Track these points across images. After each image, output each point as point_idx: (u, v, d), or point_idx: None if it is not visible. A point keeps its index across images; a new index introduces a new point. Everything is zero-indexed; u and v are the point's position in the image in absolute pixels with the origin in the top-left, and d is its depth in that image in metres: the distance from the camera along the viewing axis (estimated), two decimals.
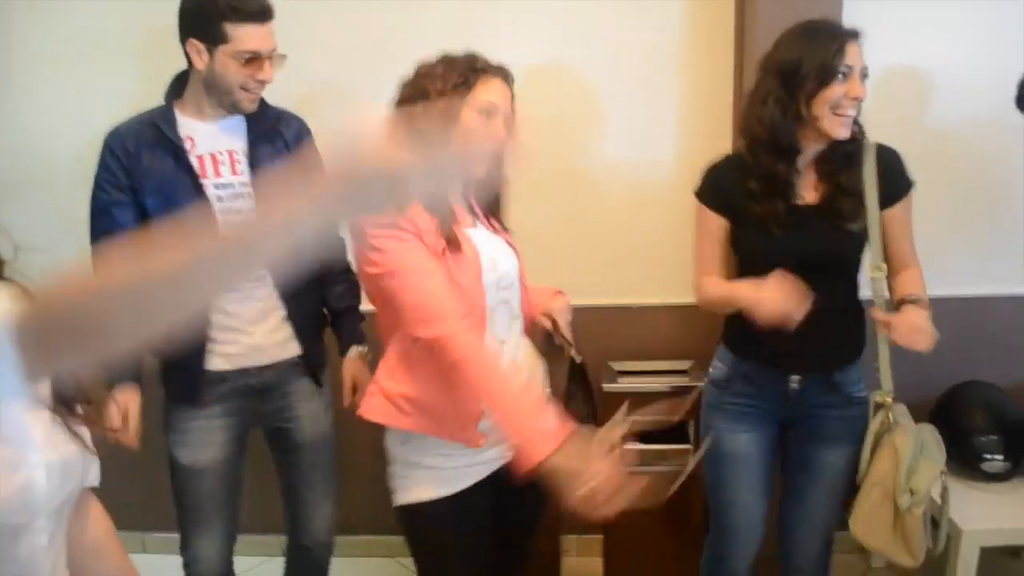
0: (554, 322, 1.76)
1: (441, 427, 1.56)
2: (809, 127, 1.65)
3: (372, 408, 1.59)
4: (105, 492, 1.02)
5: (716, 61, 2.40)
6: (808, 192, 1.73)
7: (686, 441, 2.35)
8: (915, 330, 1.61)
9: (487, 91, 1.53)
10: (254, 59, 1.78)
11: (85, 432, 0.93)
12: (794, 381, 1.78)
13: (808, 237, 1.70)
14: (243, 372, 1.93)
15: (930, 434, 1.82)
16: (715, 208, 1.79)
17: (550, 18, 2.39)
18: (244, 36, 1.76)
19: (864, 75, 1.62)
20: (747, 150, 1.72)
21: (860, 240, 1.73)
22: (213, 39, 1.76)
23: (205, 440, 1.94)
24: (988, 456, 2.17)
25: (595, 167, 2.49)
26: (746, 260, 1.80)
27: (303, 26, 2.39)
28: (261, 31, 1.78)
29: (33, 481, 0.84)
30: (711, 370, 1.92)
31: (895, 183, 1.74)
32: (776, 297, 1.56)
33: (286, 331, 1.95)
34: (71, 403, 0.91)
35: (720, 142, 2.29)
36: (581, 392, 1.77)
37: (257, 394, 1.97)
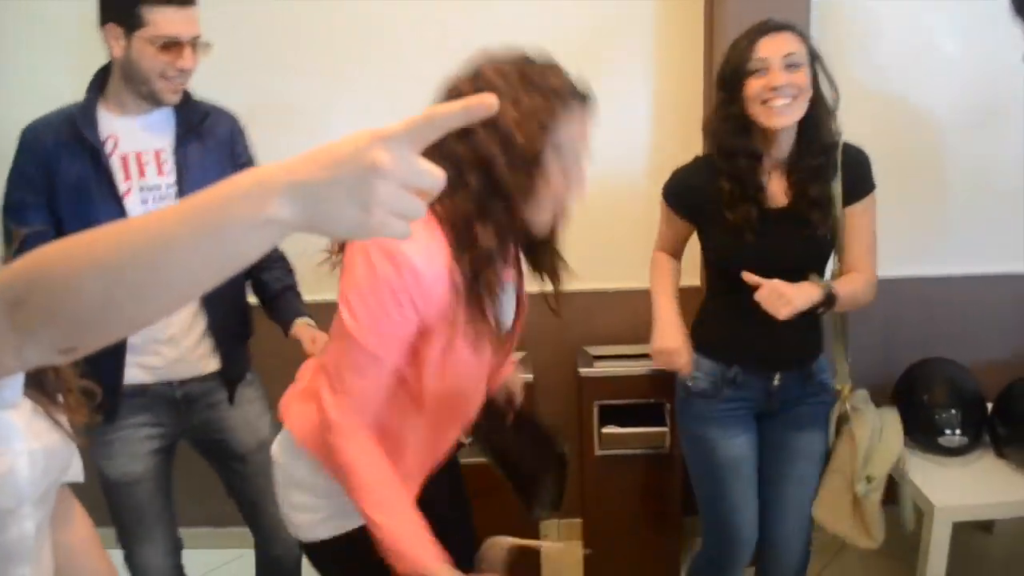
0: (510, 398, 1.68)
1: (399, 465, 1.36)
2: (755, 126, 1.70)
3: (306, 423, 1.36)
4: (78, 488, 1.04)
5: (687, 53, 2.46)
6: (778, 196, 1.77)
7: (663, 424, 2.39)
8: (777, 296, 1.62)
9: (572, 128, 1.22)
10: (173, 45, 1.71)
11: (65, 421, 0.94)
12: (776, 378, 1.84)
13: (778, 241, 1.74)
14: (166, 384, 1.90)
15: (890, 417, 1.89)
16: (681, 213, 1.86)
17: (522, 13, 2.40)
18: (162, 20, 1.69)
19: (791, 64, 1.64)
20: (716, 156, 1.77)
21: (829, 243, 1.78)
22: (130, 24, 1.69)
23: (131, 452, 1.90)
24: (947, 431, 2.26)
25: None
26: (714, 258, 1.85)
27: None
28: (181, 15, 1.71)
29: (16, 467, 0.86)
30: (689, 383, 1.91)
31: (858, 184, 1.79)
32: (674, 356, 1.75)
33: (208, 344, 1.91)
34: (52, 393, 0.93)
35: (692, 131, 2.34)
36: (554, 481, 1.70)
37: (182, 406, 1.94)
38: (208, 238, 0.61)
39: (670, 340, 1.76)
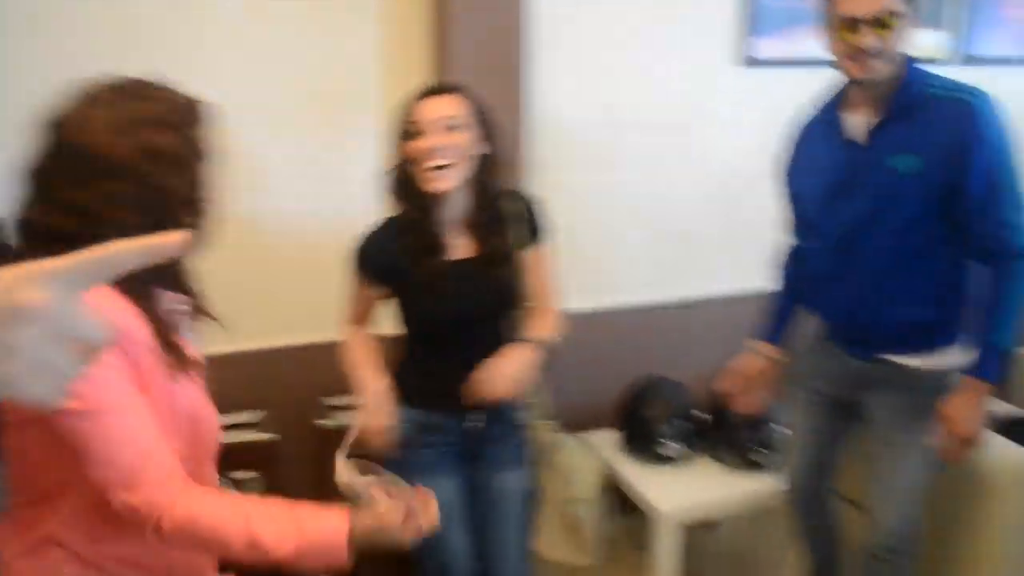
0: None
1: None
2: (416, 186, 1.77)
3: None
4: None
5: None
6: (463, 248, 1.86)
7: None
8: (500, 379, 1.79)
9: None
10: None
11: None
12: (475, 420, 1.91)
13: (469, 292, 1.85)
14: None
15: (584, 442, 2.06)
16: (373, 279, 1.89)
17: (240, 55, 2.36)
18: None
19: (448, 127, 1.74)
20: (395, 214, 1.86)
21: (516, 288, 1.89)
22: None
23: None
24: (664, 441, 2.54)
25: (285, 202, 2.48)
26: (411, 315, 1.90)
27: None
28: None
29: None
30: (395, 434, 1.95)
31: (531, 229, 1.93)
32: (382, 435, 1.76)
33: None
34: None
35: None
36: None
37: None
38: None
39: (381, 418, 1.79)
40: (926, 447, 2.00)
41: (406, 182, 1.80)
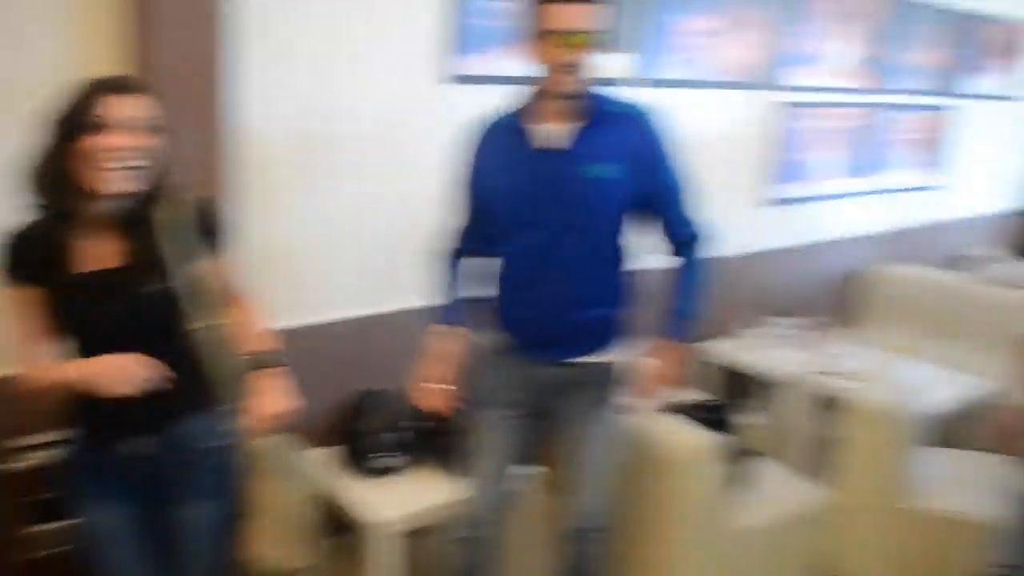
0: None
1: None
2: (77, 185, 1.62)
3: None
4: None
5: None
6: (115, 255, 1.71)
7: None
8: (271, 418, 1.76)
9: None
10: None
11: None
12: (140, 444, 1.75)
13: (117, 304, 1.69)
14: None
15: (283, 446, 2.08)
16: (25, 283, 1.70)
17: None
18: None
19: (145, 127, 1.62)
20: (37, 212, 1.67)
21: (178, 300, 1.73)
22: None
23: None
24: (381, 453, 2.60)
25: None
26: (60, 325, 1.72)
27: None
28: None
29: None
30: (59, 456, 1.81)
31: (208, 236, 1.80)
32: (115, 368, 1.61)
33: None
34: None
35: None
36: None
37: None
38: None
39: (130, 369, 1.63)
40: (614, 430, 2.25)
41: (63, 179, 1.61)
